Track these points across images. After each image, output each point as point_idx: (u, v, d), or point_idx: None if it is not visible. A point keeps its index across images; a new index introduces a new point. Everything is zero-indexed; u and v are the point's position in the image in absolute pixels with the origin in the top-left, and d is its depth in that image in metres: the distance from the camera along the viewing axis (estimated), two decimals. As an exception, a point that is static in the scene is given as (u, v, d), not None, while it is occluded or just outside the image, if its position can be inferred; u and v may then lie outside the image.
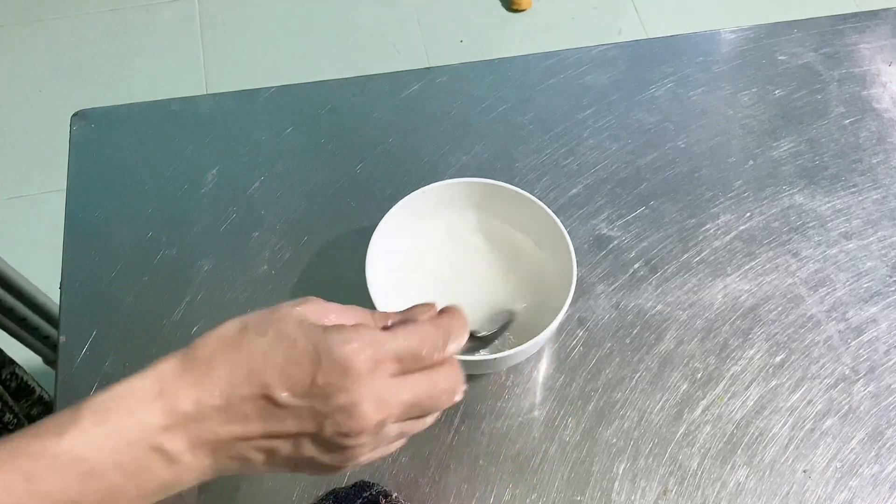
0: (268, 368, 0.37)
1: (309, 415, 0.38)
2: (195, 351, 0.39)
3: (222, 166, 0.72)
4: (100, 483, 0.35)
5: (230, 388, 0.37)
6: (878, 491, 0.57)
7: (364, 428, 0.38)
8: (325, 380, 0.37)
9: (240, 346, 0.38)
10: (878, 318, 0.65)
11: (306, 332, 0.38)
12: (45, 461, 0.35)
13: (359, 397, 0.37)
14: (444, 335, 0.41)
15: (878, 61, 0.80)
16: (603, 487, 0.57)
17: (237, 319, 0.40)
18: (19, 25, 1.95)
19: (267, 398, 0.37)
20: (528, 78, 0.78)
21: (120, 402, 0.37)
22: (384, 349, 0.38)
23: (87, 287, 0.65)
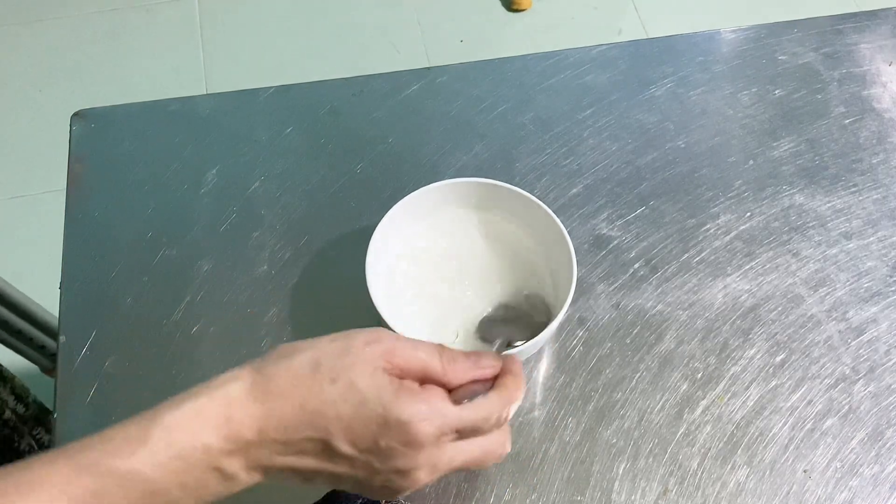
0: (334, 419, 0.39)
1: (363, 466, 0.40)
2: (268, 382, 0.39)
3: (222, 166, 0.72)
4: (162, 499, 0.37)
5: (294, 426, 0.39)
6: (878, 491, 0.57)
7: (411, 487, 0.41)
8: (388, 444, 0.39)
9: (310, 387, 0.39)
10: (879, 318, 0.65)
11: (378, 391, 0.39)
12: (113, 479, 0.36)
13: (417, 464, 0.40)
14: (507, 407, 0.43)
15: (878, 61, 0.80)
16: (603, 487, 0.57)
17: (310, 353, 0.40)
18: (19, 25, 1.95)
19: (326, 443, 0.39)
20: (528, 78, 0.78)
21: (188, 423, 0.38)
22: (450, 424, 0.40)
23: (87, 287, 0.65)
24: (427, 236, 0.64)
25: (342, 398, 0.39)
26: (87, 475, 0.36)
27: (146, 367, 0.61)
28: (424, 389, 0.40)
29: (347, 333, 0.42)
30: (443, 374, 0.42)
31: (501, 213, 0.63)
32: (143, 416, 0.38)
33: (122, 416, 0.58)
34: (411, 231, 0.63)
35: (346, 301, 0.64)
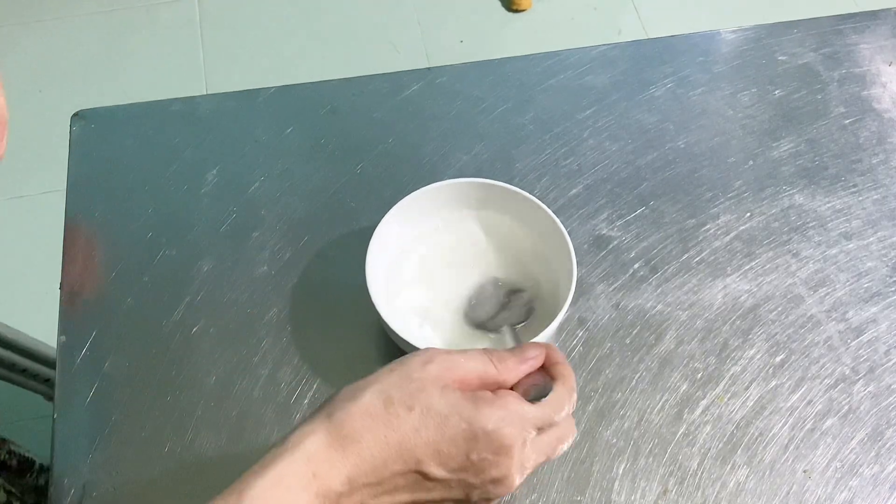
0: (421, 445, 0.39)
1: (458, 485, 0.40)
2: (340, 427, 0.39)
3: (222, 166, 0.72)
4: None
5: (382, 464, 0.38)
6: (878, 491, 0.57)
7: (508, 491, 0.41)
8: (479, 456, 0.39)
9: (388, 421, 0.39)
10: (878, 319, 0.65)
11: (456, 407, 0.40)
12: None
13: (510, 470, 0.40)
14: (572, 395, 0.44)
15: (878, 61, 0.80)
16: (603, 487, 0.57)
17: (376, 388, 0.40)
18: (19, 25, 1.95)
19: (419, 473, 0.39)
20: (528, 78, 0.78)
21: (276, 491, 0.37)
22: (531, 423, 0.41)
23: (87, 287, 0.65)
24: (427, 236, 0.64)
25: (423, 424, 0.39)
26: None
27: (146, 367, 0.61)
28: (499, 396, 0.41)
29: (402, 360, 0.42)
30: (499, 375, 0.43)
31: (501, 214, 0.63)
32: (232, 492, 0.38)
33: (122, 416, 0.59)
34: (411, 231, 0.63)
35: (346, 301, 0.64)
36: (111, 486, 0.56)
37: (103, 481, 0.56)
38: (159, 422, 0.59)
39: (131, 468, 0.57)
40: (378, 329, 0.62)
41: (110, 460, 0.57)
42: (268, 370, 0.61)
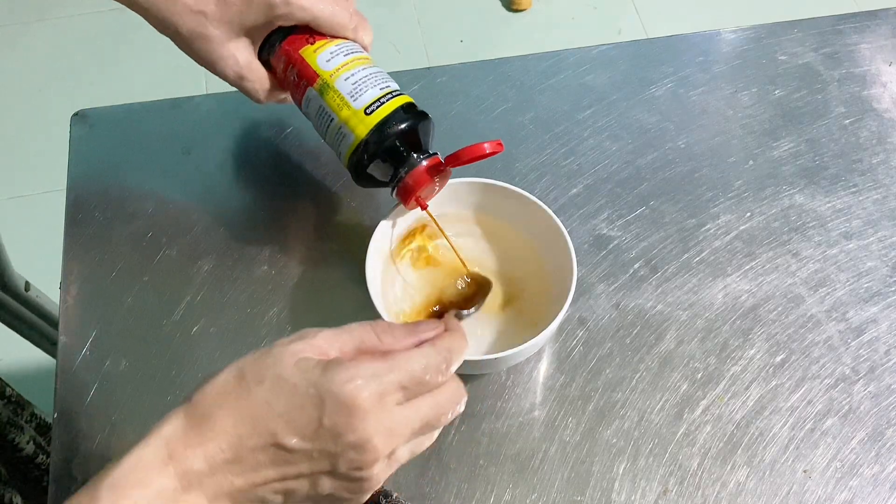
0: (273, 416, 0.38)
1: (321, 455, 0.38)
2: (196, 406, 0.38)
3: (222, 166, 0.72)
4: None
5: (238, 440, 0.37)
6: (878, 491, 0.57)
7: (376, 459, 0.39)
8: (331, 421, 0.37)
9: (240, 395, 0.38)
10: (879, 318, 0.65)
11: (305, 374, 0.38)
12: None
13: (367, 433, 0.38)
14: (447, 356, 0.42)
15: (878, 61, 0.80)
16: (603, 487, 0.57)
17: (232, 367, 0.40)
18: (19, 25, 1.95)
19: (277, 445, 0.38)
20: (528, 78, 0.78)
21: (132, 475, 0.37)
22: (387, 381, 0.39)
23: (87, 287, 0.65)
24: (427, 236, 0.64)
25: (273, 395, 0.38)
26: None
27: (146, 367, 0.61)
28: (353, 359, 0.39)
29: (271, 344, 0.41)
30: (380, 345, 0.41)
31: (501, 214, 0.63)
32: (90, 483, 0.37)
33: (123, 416, 0.59)
34: (411, 231, 0.63)
35: (346, 301, 0.64)
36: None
37: (103, 481, 0.56)
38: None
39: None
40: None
41: (110, 460, 0.57)
42: (268, 370, 0.61)
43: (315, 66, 0.57)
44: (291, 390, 0.38)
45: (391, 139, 0.56)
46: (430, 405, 0.41)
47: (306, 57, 0.58)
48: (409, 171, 0.57)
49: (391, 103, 0.57)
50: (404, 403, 0.40)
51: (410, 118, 0.57)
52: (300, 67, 0.58)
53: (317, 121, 0.59)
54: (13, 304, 1.01)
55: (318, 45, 0.58)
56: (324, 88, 0.57)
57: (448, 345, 0.42)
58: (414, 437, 0.41)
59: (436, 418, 0.41)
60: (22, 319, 1.04)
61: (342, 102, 0.57)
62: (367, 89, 0.57)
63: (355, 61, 0.58)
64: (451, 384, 0.42)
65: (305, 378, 0.38)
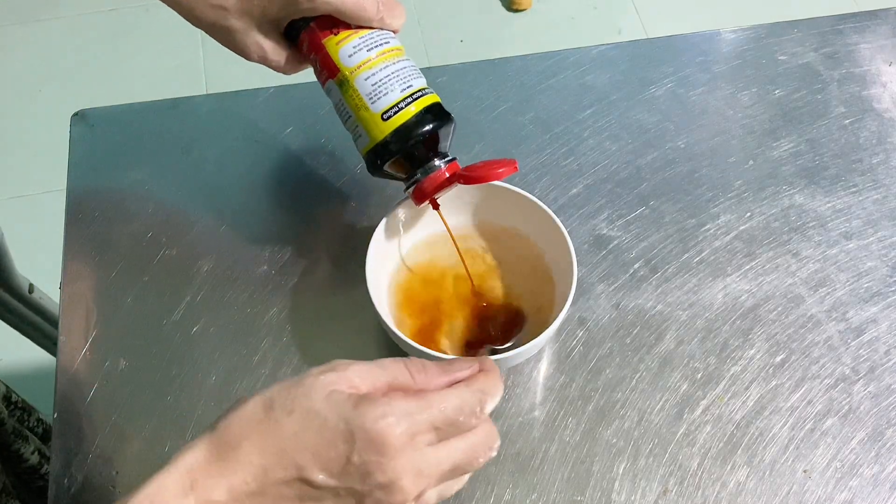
0: (300, 450, 0.36)
1: (347, 493, 0.37)
2: (221, 435, 0.37)
3: (222, 166, 0.72)
4: None
5: (263, 472, 0.36)
6: (878, 491, 0.57)
7: (404, 501, 0.38)
8: (360, 458, 0.36)
9: (268, 426, 0.37)
10: (879, 318, 0.65)
11: (336, 407, 0.37)
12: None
13: (397, 474, 0.37)
14: (481, 398, 0.41)
15: (878, 61, 0.80)
16: (603, 487, 0.57)
17: (260, 396, 0.39)
18: (19, 25, 1.95)
19: (303, 480, 0.37)
20: (528, 78, 0.78)
21: (153, 502, 0.36)
22: (419, 420, 0.38)
23: (87, 287, 0.65)
24: (427, 236, 0.63)
25: (302, 427, 0.37)
26: None
27: (146, 367, 0.61)
28: (387, 395, 0.38)
29: (305, 372, 0.40)
30: (414, 384, 0.40)
31: (502, 214, 0.63)
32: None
33: (123, 416, 0.59)
34: (411, 231, 0.63)
35: (346, 301, 0.64)
36: (111, 486, 0.56)
37: (103, 481, 0.56)
38: (159, 422, 0.59)
39: (131, 468, 0.57)
40: (378, 329, 0.62)
41: (110, 460, 0.57)
42: (268, 370, 0.61)
43: (336, 60, 0.55)
44: (321, 424, 0.37)
45: (406, 146, 0.55)
46: (463, 448, 0.40)
47: (329, 48, 0.56)
48: (426, 175, 0.56)
49: (410, 108, 0.55)
50: (436, 444, 0.39)
51: (428, 124, 0.55)
52: (322, 57, 0.56)
53: (336, 108, 0.58)
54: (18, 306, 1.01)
55: (341, 36, 0.55)
56: (343, 84, 0.56)
57: (482, 386, 0.41)
58: (444, 479, 0.40)
59: (467, 462, 0.40)
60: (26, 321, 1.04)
61: (360, 103, 0.55)
62: (388, 92, 0.55)
63: (379, 56, 0.56)
64: (484, 427, 0.41)
65: (336, 412, 0.37)
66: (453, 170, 0.57)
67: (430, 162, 0.56)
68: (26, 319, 1.03)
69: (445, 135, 0.57)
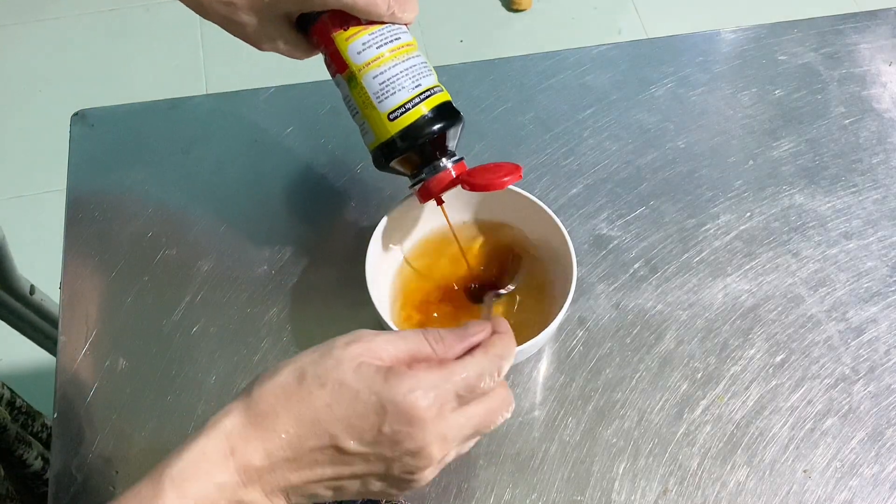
0: (333, 420, 0.39)
1: (377, 459, 0.40)
2: (256, 403, 0.39)
3: (222, 166, 0.72)
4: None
5: (298, 440, 0.39)
6: (878, 491, 0.57)
7: (430, 465, 0.41)
8: (391, 428, 0.39)
9: (301, 397, 0.39)
10: (878, 318, 0.65)
11: (367, 381, 0.39)
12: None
13: (425, 441, 0.40)
14: (498, 363, 0.43)
15: (878, 61, 0.80)
16: (603, 487, 0.57)
17: (293, 366, 0.40)
18: (19, 25, 1.95)
19: (335, 448, 0.39)
20: (528, 78, 0.78)
21: (196, 468, 0.38)
22: (444, 390, 0.40)
23: (87, 287, 0.65)
24: (427, 236, 0.64)
25: (335, 399, 0.39)
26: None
27: (146, 367, 0.61)
28: (412, 367, 0.40)
29: (327, 341, 0.42)
30: (434, 354, 0.42)
31: (501, 213, 0.63)
32: (152, 474, 0.38)
33: (123, 416, 0.59)
34: (411, 231, 0.63)
35: (346, 301, 0.64)
36: (111, 486, 0.56)
37: (103, 481, 0.56)
38: (159, 422, 0.59)
39: (131, 468, 0.57)
40: (378, 329, 0.62)
41: (110, 460, 0.57)
42: (268, 370, 0.61)
43: (345, 56, 0.55)
44: (353, 396, 0.39)
45: (412, 146, 0.55)
46: (482, 412, 0.42)
47: (338, 43, 0.55)
48: (433, 174, 0.56)
49: (418, 109, 0.54)
50: (458, 410, 0.41)
51: (435, 125, 0.55)
52: (331, 52, 0.56)
53: (344, 101, 0.57)
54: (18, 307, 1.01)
55: (351, 31, 0.54)
56: (352, 80, 0.55)
57: (499, 350, 0.44)
58: (465, 441, 0.42)
59: (485, 425, 0.43)
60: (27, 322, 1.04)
61: (367, 101, 0.55)
62: (396, 91, 0.54)
63: (390, 53, 0.54)
64: (500, 391, 0.43)
65: (367, 385, 0.39)
66: (460, 170, 0.56)
67: (437, 161, 0.56)
68: (27, 320, 1.03)
69: (453, 134, 0.57)
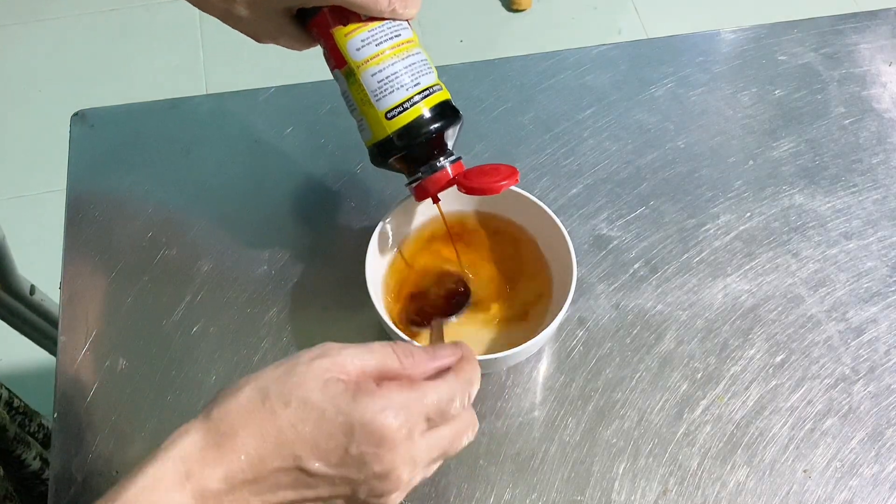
0: (298, 441, 0.37)
1: (342, 481, 0.38)
2: (217, 423, 0.37)
3: (222, 166, 0.72)
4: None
5: (259, 461, 0.37)
6: (878, 491, 0.57)
7: (397, 488, 0.39)
8: (359, 450, 0.37)
9: (264, 417, 0.37)
10: (878, 318, 0.65)
11: (333, 399, 0.38)
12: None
13: (394, 464, 0.38)
14: (467, 388, 0.42)
15: (878, 61, 0.80)
16: (603, 487, 0.57)
17: (254, 384, 0.39)
18: (19, 25, 1.95)
19: (299, 469, 0.37)
20: (528, 78, 0.78)
21: (150, 494, 0.36)
22: (415, 412, 0.39)
23: (87, 287, 0.65)
24: (427, 236, 0.63)
25: (300, 419, 0.37)
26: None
27: (146, 367, 0.61)
28: (382, 387, 0.39)
29: (291, 356, 0.40)
30: (402, 370, 0.41)
31: (501, 214, 0.63)
32: (106, 499, 0.36)
33: (122, 416, 0.59)
34: (411, 231, 0.63)
35: (346, 301, 0.64)
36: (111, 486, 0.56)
37: (103, 481, 0.56)
38: (159, 422, 0.59)
39: (131, 468, 0.57)
40: (378, 329, 0.62)
41: (110, 460, 0.57)
42: (268, 370, 0.61)
43: (344, 52, 0.54)
44: (319, 416, 0.37)
45: (409, 146, 0.54)
46: (449, 435, 0.41)
47: (337, 39, 0.54)
48: (429, 174, 0.55)
49: (415, 108, 0.54)
50: (427, 433, 0.40)
51: (432, 125, 0.54)
52: (330, 47, 0.55)
53: (342, 96, 0.57)
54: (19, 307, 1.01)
55: (350, 27, 0.54)
56: (350, 77, 0.55)
57: (468, 375, 0.42)
58: (431, 464, 0.42)
59: (453, 447, 0.42)
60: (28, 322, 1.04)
61: (365, 98, 0.54)
62: (394, 90, 0.54)
63: (390, 51, 0.54)
64: (465, 414, 0.43)
65: (334, 404, 0.37)
66: (458, 170, 0.56)
67: (435, 161, 0.56)
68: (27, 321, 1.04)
69: (452, 134, 0.56)
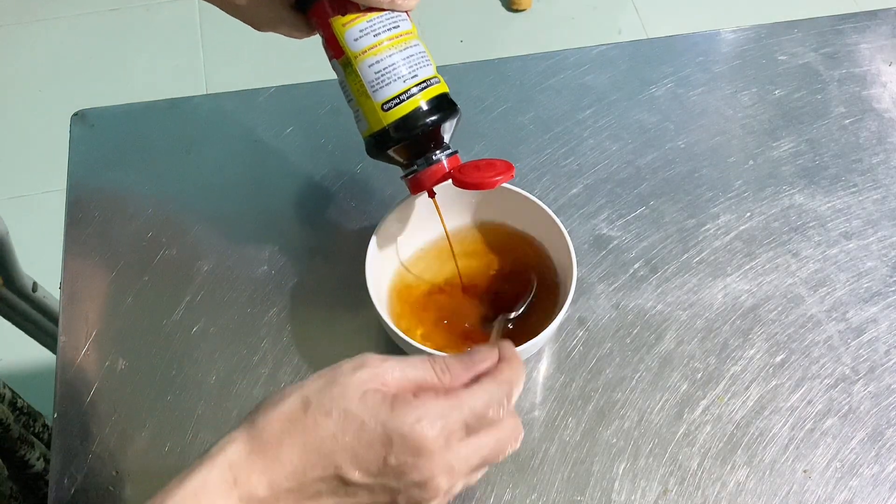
0: (338, 451, 0.38)
1: (381, 490, 0.39)
2: (261, 432, 0.39)
3: (222, 166, 0.72)
4: None
5: (302, 470, 0.38)
6: (878, 491, 0.57)
7: (437, 496, 0.40)
8: (397, 460, 0.38)
9: (306, 427, 0.39)
10: (878, 318, 0.65)
11: (373, 411, 0.39)
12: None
13: (432, 472, 0.39)
14: (507, 390, 0.42)
15: (878, 61, 0.80)
16: (603, 487, 0.57)
17: (298, 394, 0.40)
18: (19, 25, 1.95)
19: (339, 478, 0.38)
20: (528, 78, 0.78)
21: (198, 498, 0.37)
22: (452, 420, 0.39)
23: (87, 287, 0.65)
24: (427, 236, 0.64)
25: (340, 429, 0.38)
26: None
27: (146, 367, 0.61)
28: (418, 397, 0.40)
29: (333, 366, 0.41)
30: (440, 385, 0.41)
31: (501, 213, 0.63)
32: (154, 501, 0.37)
33: (123, 416, 0.59)
34: (411, 231, 0.63)
35: (346, 301, 0.64)
36: (111, 486, 0.56)
37: (103, 481, 0.56)
38: (159, 422, 0.59)
39: (131, 467, 0.57)
40: (378, 329, 0.62)
41: (110, 460, 0.57)
42: (268, 370, 0.61)
43: (342, 42, 0.54)
44: (359, 426, 0.38)
45: (405, 138, 0.54)
46: (491, 443, 0.41)
47: (335, 29, 0.54)
48: (425, 167, 0.55)
49: (414, 100, 0.54)
50: (465, 440, 0.40)
51: (429, 118, 0.54)
52: (328, 37, 0.55)
53: (340, 85, 0.57)
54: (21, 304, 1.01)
55: (348, 17, 0.53)
56: (348, 67, 0.54)
57: (508, 377, 0.42)
58: (472, 472, 0.42)
59: (494, 455, 0.42)
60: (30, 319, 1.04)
61: (362, 89, 0.54)
62: (391, 81, 0.53)
63: (388, 42, 0.54)
64: (509, 420, 0.42)
65: (373, 415, 0.38)
66: (454, 164, 0.56)
67: (431, 154, 0.55)
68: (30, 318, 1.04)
69: (449, 127, 0.56)
